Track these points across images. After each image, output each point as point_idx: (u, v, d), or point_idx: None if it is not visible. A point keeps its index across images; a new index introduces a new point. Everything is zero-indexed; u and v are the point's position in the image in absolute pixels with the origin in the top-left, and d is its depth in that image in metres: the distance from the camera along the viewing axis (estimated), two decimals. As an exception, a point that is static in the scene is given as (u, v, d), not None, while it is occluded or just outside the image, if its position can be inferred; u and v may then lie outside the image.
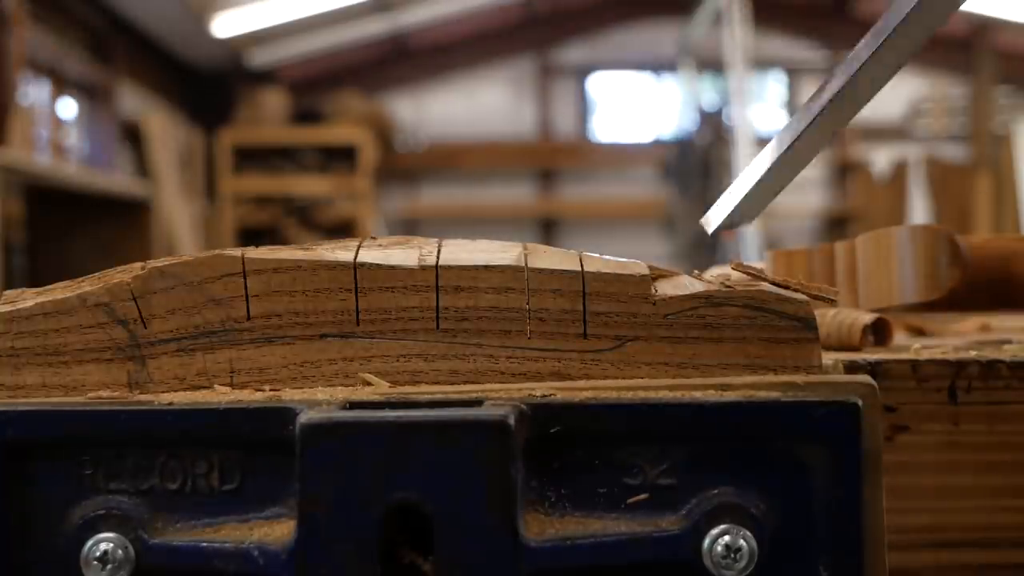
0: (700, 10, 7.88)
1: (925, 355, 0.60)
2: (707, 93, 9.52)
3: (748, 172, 0.52)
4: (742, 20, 6.91)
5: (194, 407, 0.48)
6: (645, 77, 9.96)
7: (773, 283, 0.52)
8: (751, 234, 6.76)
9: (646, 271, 0.52)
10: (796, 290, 0.52)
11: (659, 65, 9.75)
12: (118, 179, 6.28)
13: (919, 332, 0.87)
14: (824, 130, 0.52)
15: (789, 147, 0.52)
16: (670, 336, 0.51)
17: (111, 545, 0.47)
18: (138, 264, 0.52)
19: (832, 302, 0.54)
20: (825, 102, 0.52)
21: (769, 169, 0.51)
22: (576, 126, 9.83)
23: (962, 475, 0.59)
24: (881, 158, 9.28)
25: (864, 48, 0.52)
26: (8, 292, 0.53)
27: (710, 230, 0.50)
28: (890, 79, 0.52)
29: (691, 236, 9.20)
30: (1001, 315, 0.91)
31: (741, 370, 0.51)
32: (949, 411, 0.59)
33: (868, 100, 0.52)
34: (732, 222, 0.51)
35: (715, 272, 0.67)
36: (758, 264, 0.88)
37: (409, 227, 9.27)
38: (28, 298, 0.52)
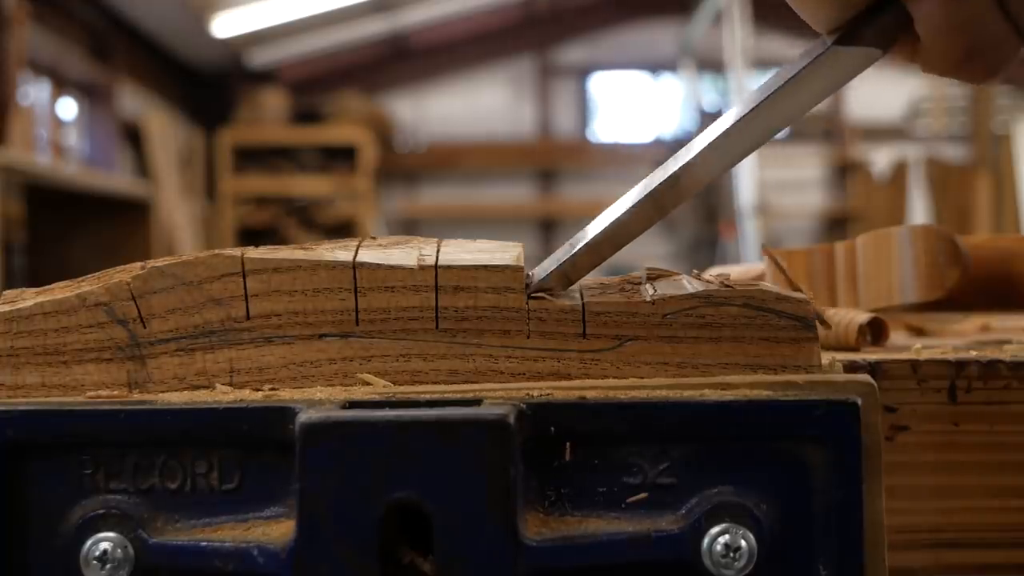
0: (700, 10, 7.88)
1: (925, 355, 0.60)
2: (707, 93, 9.52)
3: (581, 234, 0.54)
4: (742, 20, 6.91)
5: (194, 407, 0.48)
6: (645, 77, 9.96)
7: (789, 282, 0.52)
8: (751, 234, 6.76)
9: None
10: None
11: (659, 65, 9.76)
12: (118, 179, 6.28)
13: (919, 332, 0.87)
14: (656, 206, 0.54)
15: (619, 216, 0.54)
16: (669, 336, 0.51)
17: (111, 544, 0.47)
18: (138, 264, 0.52)
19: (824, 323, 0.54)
20: (662, 179, 0.54)
21: (597, 235, 0.53)
22: (576, 126, 9.83)
23: (962, 475, 0.59)
24: (881, 158, 9.28)
25: (706, 135, 0.54)
26: (8, 292, 0.53)
27: (531, 289, 0.51)
28: (734, 163, 0.54)
29: (691, 236, 9.20)
30: (1001, 315, 0.91)
31: (740, 369, 0.51)
32: (949, 411, 0.59)
33: (702, 185, 0.54)
34: (562, 281, 0.53)
35: (715, 272, 0.67)
36: (758, 265, 0.88)
37: (409, 227, 9.27)
38: (28, 298, 0.52)
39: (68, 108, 6.78)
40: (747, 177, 6.88)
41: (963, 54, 0.52)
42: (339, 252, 0.52)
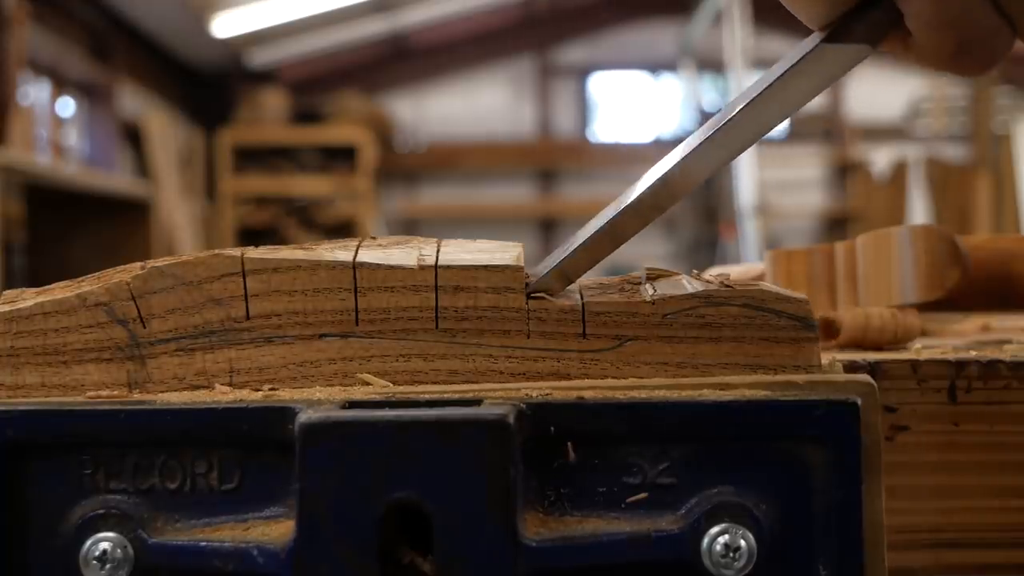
0: (700, 10, 7.89)
1: (925, 355, 0.60)
2: (707, 93, 9.53)
3: (579, 234, 0.54)
4: (742, 20, 6.91)
5: (194, 407, 0.48)
6: (645, 77, 9.97)
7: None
8: (751, 234, 6.76)
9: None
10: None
11: (659, 65, 9.76)
12: (118, 179, 6.29)
13: (919, 332, 0.87)
14: (652, 204, 0.55)
15: (611, 219, 0.54)
16: (669, 336, 0.51)
17: (110, 544, 0.47)
18: (138, 264, 0.52)
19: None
20: (657, 178, 0.54)
21: (595, 234, 0.54)
22: (576, 126, 9.84)
23: (962, 475, 0.59)
24: (881, 158, 9.28)
25: (696, 137, 0.54)
26: (8, 292, 0.53)
27: (531, 289, 0.51)
28: (724, 164, 0.55)
29: (691, 236, 9.20)
30: (1001, 315, 0.91)
31: (740, 369, 0.51)
32: (949, 411, 0.59)
33: (695, 184, 0.55)
34: (559, 281, 0.53)
35: (715, 272, 0.67)
36: (758, 265, 0.88)
37: (409, 227, 9.28)
38: (28, 298, 0.52)
39: (68, 108, 6.78)
40: (747, 177, 6.88)
41: (955, 48, 0.52)
42: (339, 252, 0.52)
